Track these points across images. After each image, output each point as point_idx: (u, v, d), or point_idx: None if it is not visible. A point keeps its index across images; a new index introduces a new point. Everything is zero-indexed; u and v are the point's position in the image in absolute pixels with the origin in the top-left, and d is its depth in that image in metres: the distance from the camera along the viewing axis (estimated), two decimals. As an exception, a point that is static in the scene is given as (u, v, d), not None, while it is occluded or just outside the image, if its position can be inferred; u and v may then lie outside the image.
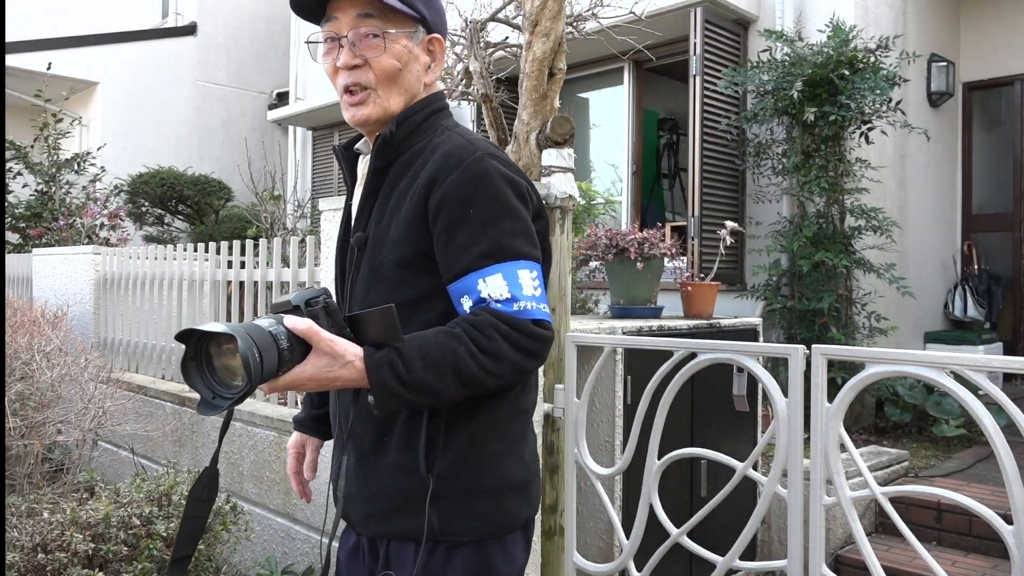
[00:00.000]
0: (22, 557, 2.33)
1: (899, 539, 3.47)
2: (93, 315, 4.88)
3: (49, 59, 8.84)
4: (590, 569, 2.44)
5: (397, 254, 1.28)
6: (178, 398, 3.94)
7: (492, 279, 1.22)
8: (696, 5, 5.23)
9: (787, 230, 4.90)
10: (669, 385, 2.18)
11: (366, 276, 1.32)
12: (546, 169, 2.48)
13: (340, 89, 1.34)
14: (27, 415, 3.23)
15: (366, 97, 1.32)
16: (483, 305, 1.22)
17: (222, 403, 1.09)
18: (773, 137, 5.12)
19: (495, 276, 1.22)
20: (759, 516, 2.02)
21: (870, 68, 4.55)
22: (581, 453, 2.43)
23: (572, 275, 2.91)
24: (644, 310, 3.34)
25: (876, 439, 4.57)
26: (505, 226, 1.24)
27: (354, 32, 1.30)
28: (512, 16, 3.58)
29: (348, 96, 1.33)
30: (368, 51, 1.30)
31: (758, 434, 3.37)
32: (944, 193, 6.29)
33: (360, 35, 1.30)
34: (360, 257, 1.34)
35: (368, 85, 1.32)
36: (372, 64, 1.30)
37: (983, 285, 6.17)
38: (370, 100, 1.32)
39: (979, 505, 1.64)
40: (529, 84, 2.59)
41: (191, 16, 10.91)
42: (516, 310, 1.22)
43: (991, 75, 6.30)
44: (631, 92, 6.43)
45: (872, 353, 1.80)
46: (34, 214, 7.74)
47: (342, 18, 1.30)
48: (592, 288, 4.54)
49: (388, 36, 1.30)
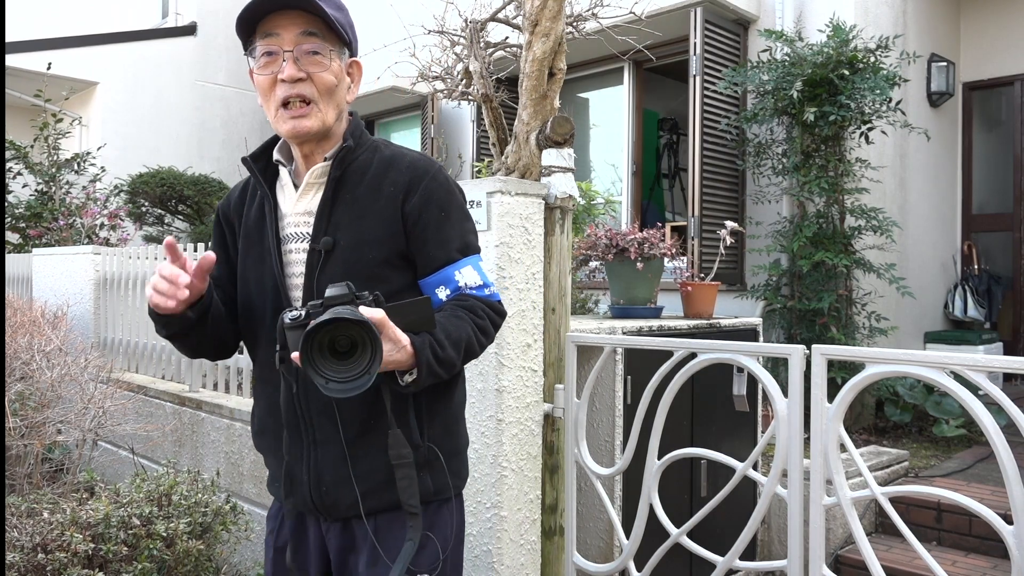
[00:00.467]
0: (22, 557, 2.33)
1: (899, 539, 3.47)
2: (93, 315, 4.88)
3: (49, 59, 8.84)
4: (590, 569, 2.44)
5: (380, 253, 1.43)
6: (178, 398, 3.94)
7: (465, 270, 1.46)
8: (696, 5, 5.23)
9: (787, 230, 4.90)
10: (669, 385, 2.18)
11: (341, 275, 1.39)
12: (546, 169, 2.48)
13: (278, 101, 1.41)
14: (27, 415, 3.23)
15: (309, 111, 1.41)
16: (461, 292, 1.45)
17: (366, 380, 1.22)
18: (773, 137, 5.12)
19: (467, 268, 1.46)
20: (759, 516, 2.02)
21: (870, 68, 4.55)
22: (581, 453, 2.43)
23: (572, 275, 2.91)
24: (644, 310, 3.34)
25: (876, 439, 4.57)
26: (467, 226, 1.51)
27: (298, 48, 1.39)
28: (512, 16, 3.58)
29: (288, 109, 1.40)
30: (311, 66, 1.40)
31: (758, 434, 3.37)
32: (944, 193, 6.29)
33: (303, 51, 1.39)
34: (327, 259, 1.43)
35: (311, 98, 1.40)
36: (314, 78, 1.40)
37: (983, 285, 6.17)
38: (312, 113, 1.41)
39: (979, 505, 1.64)
40: (529, 84, 2.59)
41: (191, 16, 10.91)
42: (487, 294, 1.48)
43: (991, 75, 6.30)
44: (631, 92, 6.43)
45: (872, 353, 1.80)
46: (34, 214, 7.73)
47: (284, 34, 1.39)
48: (592, 288, 4.54)
49: (329, 54, 1.41)
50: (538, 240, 2.40)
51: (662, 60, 5.98)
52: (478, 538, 2.31)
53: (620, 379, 2.75)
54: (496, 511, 2.27)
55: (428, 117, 7.46)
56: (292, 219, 1.49)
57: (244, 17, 1.39)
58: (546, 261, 2.44)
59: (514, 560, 2.31)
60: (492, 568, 2.26)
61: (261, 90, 1.43)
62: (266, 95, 1.42)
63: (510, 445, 2.29)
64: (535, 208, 2.38)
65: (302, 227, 1.47)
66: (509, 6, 3.57)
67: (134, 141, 10.06)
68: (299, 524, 1.54)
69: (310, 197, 1.48)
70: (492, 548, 2.26)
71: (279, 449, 1.51)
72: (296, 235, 1.48)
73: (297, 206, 1.48)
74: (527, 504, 2.36)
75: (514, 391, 2.30)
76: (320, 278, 1.42)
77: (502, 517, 2.28)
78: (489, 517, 2.28)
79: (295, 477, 1.48)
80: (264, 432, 1.56)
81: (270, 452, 1.55)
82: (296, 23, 1.38)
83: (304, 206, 1.48)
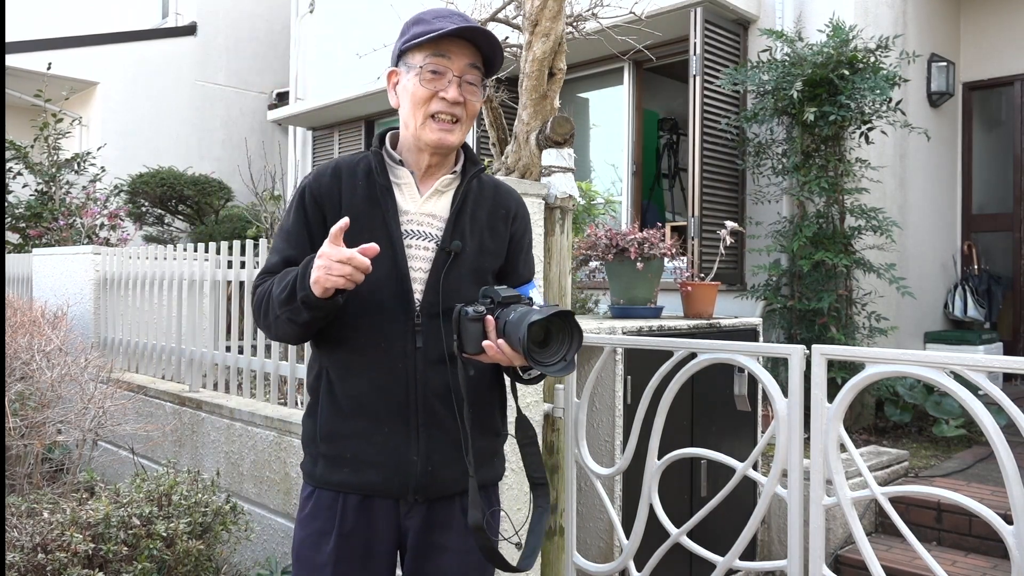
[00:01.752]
0: (22, 557, 2.33)
1: (899, 539, 3.47)
2: (93, 315, 4.88)
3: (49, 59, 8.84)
4: (590, 569, 2.44)
5: (493, 264, 1.67)
6: (178, 398, 3.94)
7: (535, 291, 1.71)
8: (696, 5, 5.23)
9: (787, 230, 4.90)
10: (669, 385, 2.18)
11: (467, 276, 1.60)
12: (546, 169, 2.48)
13: (428, 112, 1.58)
14: (27, 415, 3.23)
15: (456, 128, 1.60)
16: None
17: (564, 365, 1.46)
18: (773, 137, 5.12)
19: (535, 289, 1.74)
20: (759, 516, 2.02)
21: (870, 68, 4.55)
22: (581, 453, 2.43)
23: (572, 275, 2.91)
24: (644, 310, 3.34)
25: (876, 439, 4.57)
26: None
27: (463, 76, 1.59)
28: (512, 16, 3.58)
29: (439, 122, 1.58)
30: (469, 94, 1.60)
31: (758, 434, 3.37)
32: (944, 193, 6.29)
33: (466, 80, 1.59)
34: (454, 261, 1.60)
35: (460, 118, 1.60)
36: (468, 105, 1.60)
37: (983, 285, 6.17)
38: (457, 130, 1.60)
39: (979, 505, 1.64)
40: (529, 84, 2.59)
41: (191, 16, 10.91)
42: None
43: (991, 75, 6.30)
44: (631, 92, 6.43)
45: (872, 353, 1.80)
46: (34, 214, 7.73)
47: (456, 60, 1.58)
48: (592, 288, 4.54)
49: (481, 86, 1.63)
50: (538, 240, 2.40)
51: (662, 60, 5.98)
52: (478, 538, 2.31)
53: (620, 379, 2.75)
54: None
55: (428, 117, 7.44)
56: (415, 217, 1.62)
57: (433, 37, 1.54)
58: (546, 261, 2.44)
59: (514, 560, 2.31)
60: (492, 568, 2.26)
61: (415, 98, 1.58)
62: (419, 104, 1.58)
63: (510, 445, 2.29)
64: (535, 208, 2.39)
65: (425, 226, 1.61)
66: (509, 6, 3.57)
67: (134, 141, 10.06)
68: (365, 508, 1.58)
69: (434, 201, 1.63)
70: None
71: (374, 432, 1.56)
72: (419, 232, 1.61)
73: (424, 207, 1.62)
74: (527, 504, 2.36)
75: (514, 391, 2.30)
76: (446, 277, 1.58)
77: (502, 517, 2.28)
78: (489, 517, 2.28)
79: (400, 458, 1.56)
80: (358, 414, 1.58)
81: (358, 436, 1.57)
82: (467, 54, 1.58)
83: (430, 208, 1.63)
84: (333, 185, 1.62)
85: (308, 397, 1.67)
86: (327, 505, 1.59)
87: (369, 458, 1.57)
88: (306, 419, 1.66)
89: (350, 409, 1.58)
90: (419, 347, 1.55)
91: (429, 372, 1.56)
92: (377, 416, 1.56)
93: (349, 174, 1.63)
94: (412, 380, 1.56)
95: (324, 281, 1.39)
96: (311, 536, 1.60)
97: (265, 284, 1.59)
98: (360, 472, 1.57)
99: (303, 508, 1.63)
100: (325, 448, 1.59)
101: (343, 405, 1.59)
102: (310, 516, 1.61)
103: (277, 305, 1.50)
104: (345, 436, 1.58)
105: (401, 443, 1.56)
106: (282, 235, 1.64)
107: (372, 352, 1.57)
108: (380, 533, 1.58)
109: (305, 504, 1.63)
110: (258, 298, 1.60)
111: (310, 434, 1.63)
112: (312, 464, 1.62)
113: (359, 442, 1.57)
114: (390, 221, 1.58)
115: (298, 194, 1.64)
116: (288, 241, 1.62)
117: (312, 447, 1.63)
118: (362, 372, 1.58)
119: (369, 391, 1.57)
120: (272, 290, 1.54)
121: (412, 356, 1.55)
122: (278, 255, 1.62)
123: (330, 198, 1.61)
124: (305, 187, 1.64)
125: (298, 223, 1.62)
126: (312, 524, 1.60)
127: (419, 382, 1.56)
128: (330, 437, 1.59)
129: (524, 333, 1.39)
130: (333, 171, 1.64)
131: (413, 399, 1.56)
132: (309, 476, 1.63)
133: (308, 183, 1.64)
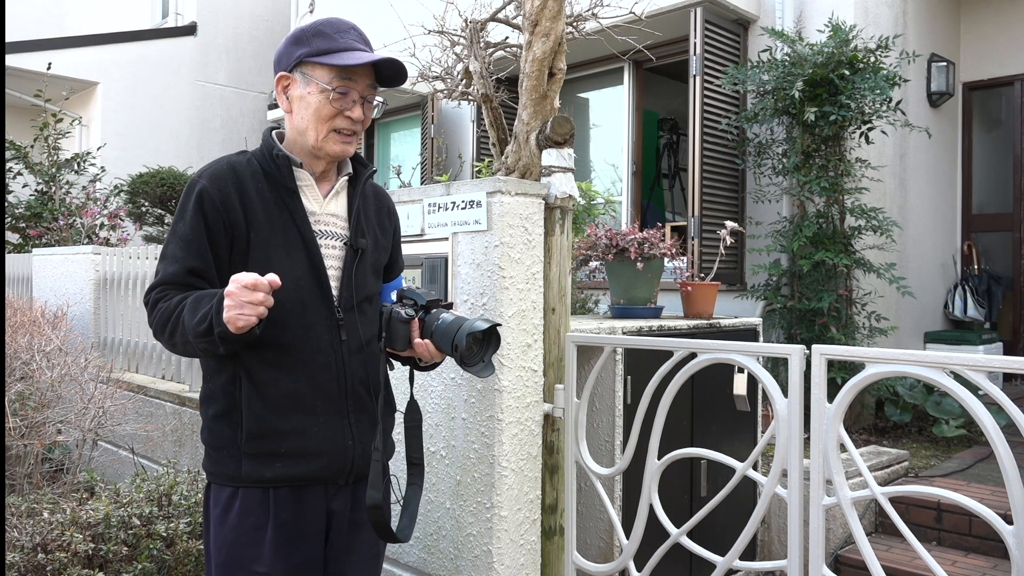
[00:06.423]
0: (22, 557, 2.33)
1: (899, 539, 3.47)
2: (93, 315, 4.88)
3: (49, 59, 8.84)
4: (590, 569, 2.44)
5: (385, 257, 1.84)
6: (178, 398, 3.94)
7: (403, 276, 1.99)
8: (696, 5, 5.23)
9: (787, 230, 4.90)
10: (669, 385, 2.18)
11: (369, 270, 1.76)
12: (546, 169, 2.48)
13: (332, 128, 1.67)
14: (27, 415, 3.23)
15: (354, 139, 1.72)
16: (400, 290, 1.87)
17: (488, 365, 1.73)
18: (773, 137, 5.11)
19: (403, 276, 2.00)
20: (759, 516, 2.02)
21: (870, 68, 4.55)
22: (581, 453, 2.43)
23: (572, 275, 2.91)
24: (644, 310, 3.34)
25: (876, 439, 4.57)
26: None
27: (365, 95, 1.69)
28: (512, 16, 3.58)
29: (341, 135, 1.68)
30: (368, 111, 1.72)
31: (758, 434, 3.37)
32: (944, 193, 6.28)
33: (366, 99, 1.70)
34: (362, 257, 1.74)
35: (358, 131, 1.72)
36: (365, 119, 1.72)
37: (983, 285, 6.17)
38: (355, 140, 1.73)
39: (979, 505, 1.64)
40: (529, 84, 2.59)
41: (191, 16, 10.91)
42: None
43: (991, 75, 6.30)
44: (631, 92, 6.43)
45: (872, 353, 1.80)
46: (34, 214, 7.73)
47: (360, 81, 1.67)
48: (592, 288, 4.53)
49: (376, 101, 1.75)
50: (538, 240, 2.40)
51: (662, 60, 5.98)
52: (478, 538, 2.31)
53: (620, 379, 2.75)
54: (496, 511, 2.27)
55: (428, 117, 7.46)
56: (321, 218, 1.71)
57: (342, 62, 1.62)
58: (546, 261, 2.44)
59: (514, 560, 2.31)
60: (492, 568, 2.26)
61: (320, 115, 1.64)
62: (324, 119, 1.65)
63: (510, 445, 2.29)
64: (535, 208, 2.38)
65: (331, 226, 1.72)
66: (509, 6, 3.57)
67: (134, 141, 10.06)
68: (296, 498, 1.63)
69: (335, 202, 1.74)
70: (492, 548, 2.26)
71: (311, 425, 1.64)
72: (328, 232, 1.71)
73: (327, 207, 1.72)
74: (527, 504, 2.36)
75: (514, 391, 2.30)
76: (356, 272, 1.72)
77: (502, 517, 2.28)
78: (489, 517, 2.28)
79: (338, 445, 1.66)
80: (295, 409, 1.63)
81: (295, 431, 1.62)
82: (370, 75, 1.69)
83: (332, 208, 1.73)
84: (233, 189, 1.61)
85: (211, 403, 1.66)
86: (258, 500, 1.62)
87: (307, 450, 1.63)
88: (215, 424, 1.64)
89: (286, 406, 1.61)
90: (344, 340, 1.67)
91: (352, 362, 1.69)
92: (314, 409, 1.64)
93: (249, 176, 1.64)
94: (341, 371, 1.67)
95: (237, 320, 1.44)
96: (247, 532, 1.61)
97: (170, 302, 1.56)
98: (297, 465, 1.62)
99: (228, 508, 1.62)
100: (253, 447, 1.60)
101: (277, 403, 1.60)
102: (240, 515, 1.61)
103: (192, 335, 1.50)
104: (281, 433, 1.61)
105: (337, 432, 1.67)
106: (179, 242, 1.60)
107: (302, 349, 1.63)
108: (311, 517, 1.65)
109: (230, 504, 1.62)
110: (162, 315, 1.56)
111: (228, 437, 1.62)
112: (234, 465, 1.61)
113: (295, 436, 1.62)
114: (300, 223, 1.66)
115: (195, 199, 1.60)
116: (188, 250, 1.59)
117: (232, 449, 1.62)
118: (294, 369, 1.62)
119: (305, 386, 1.63)
120: (183, 316, 1.52)
121: (339, 349, 1.67)
122: (178, 264, 1.59)
123: (232, 202, 1.60)
124: (203, 192, 1.60)
125: (198, 230, 1.59)
126: (245, 521, 1.61)
127: (347, 372, 1.68)
128: (260, 436, 1.60)
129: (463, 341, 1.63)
130: (230, 174, 1.63)
131: (343, 389, 1.67)
132: (230, 478, 1.63)
133: (204, 187, 1.61)
